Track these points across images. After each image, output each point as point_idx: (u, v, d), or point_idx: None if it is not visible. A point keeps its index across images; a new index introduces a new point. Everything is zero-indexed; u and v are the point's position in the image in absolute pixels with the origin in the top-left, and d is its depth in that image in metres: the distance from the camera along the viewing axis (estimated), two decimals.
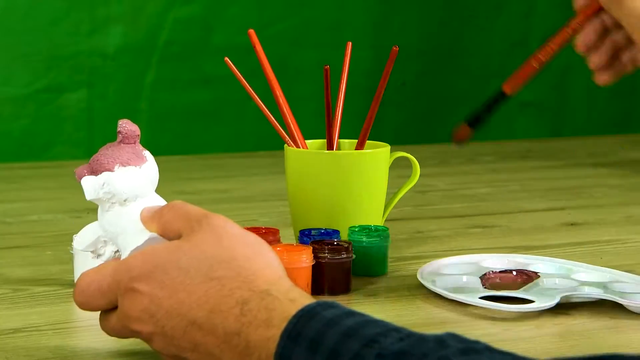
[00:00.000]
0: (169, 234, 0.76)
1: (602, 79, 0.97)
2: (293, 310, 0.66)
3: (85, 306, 0.75)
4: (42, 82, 1.82)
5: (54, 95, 1.83)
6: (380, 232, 1.04)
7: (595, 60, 0.96)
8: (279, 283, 0.69)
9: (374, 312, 0.94)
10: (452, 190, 1.58)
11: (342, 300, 0.96)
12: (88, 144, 1.86)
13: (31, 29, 1.81)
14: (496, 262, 1.06)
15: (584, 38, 0.96)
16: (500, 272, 1.01)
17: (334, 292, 0.98)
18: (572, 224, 1.31)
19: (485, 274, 1.00)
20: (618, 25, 0.95)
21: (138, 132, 0.88)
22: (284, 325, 0.65)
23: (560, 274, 1.02)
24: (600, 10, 0.95)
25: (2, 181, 1.62)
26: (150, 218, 0.78)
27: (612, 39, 0.96)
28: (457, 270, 1.03)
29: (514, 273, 1.01)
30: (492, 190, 1.54)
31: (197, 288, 0.69)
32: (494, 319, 0.90)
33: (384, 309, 0.95)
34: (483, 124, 0.94)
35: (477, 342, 0.60)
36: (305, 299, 0.67)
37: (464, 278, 1.00)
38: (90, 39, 1.84)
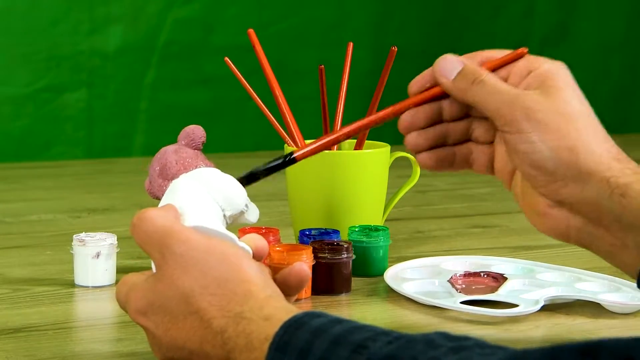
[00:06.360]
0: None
1: (423, 160, 0.81)
2: (269, 329, 0.66)
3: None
4: (42, 82, 1.82)
5: (54, 95, 1.83)
6: (380, 232, 1.04)
7: (413, 142, 0.81)
8: (252, 300, 0.69)
9: (374, 312, 0.94)
10: (452, 190, 1.58)
11: (342, 300, 0.96)
12: (88, 143, 1.86)
13: (31, 29, 1.81)
14: (455, 264, 1.05)
15: (410, 120, 0.80)
16: (466, 275, 1.00)
17: (334, 292, 0.98)
18: None
19: (452, 277, 0.99)
20: (457, 117, 0.81)
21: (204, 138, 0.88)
22: (265, 346, 0.65)
23: (524, 274, 1.02)
24: (441, 96, 0.80)
25: (2, 181, 1.62)
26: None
27: (443, 128, 0.81)
28: (419, 274, 1.02)
29: (482, 275, 1.00)
30: (492, 190, 1.54)
31: (182, 325, 0.70)
32: (493, 320, 0.90)
33: (384, 309, 0.95)
34: (258, 180, 0.86)
35: (467, 339, 0.60)
36: (281, 313, 0.67)
37: (436, 282, 0.99)
38: (90, 39, 1.84)
